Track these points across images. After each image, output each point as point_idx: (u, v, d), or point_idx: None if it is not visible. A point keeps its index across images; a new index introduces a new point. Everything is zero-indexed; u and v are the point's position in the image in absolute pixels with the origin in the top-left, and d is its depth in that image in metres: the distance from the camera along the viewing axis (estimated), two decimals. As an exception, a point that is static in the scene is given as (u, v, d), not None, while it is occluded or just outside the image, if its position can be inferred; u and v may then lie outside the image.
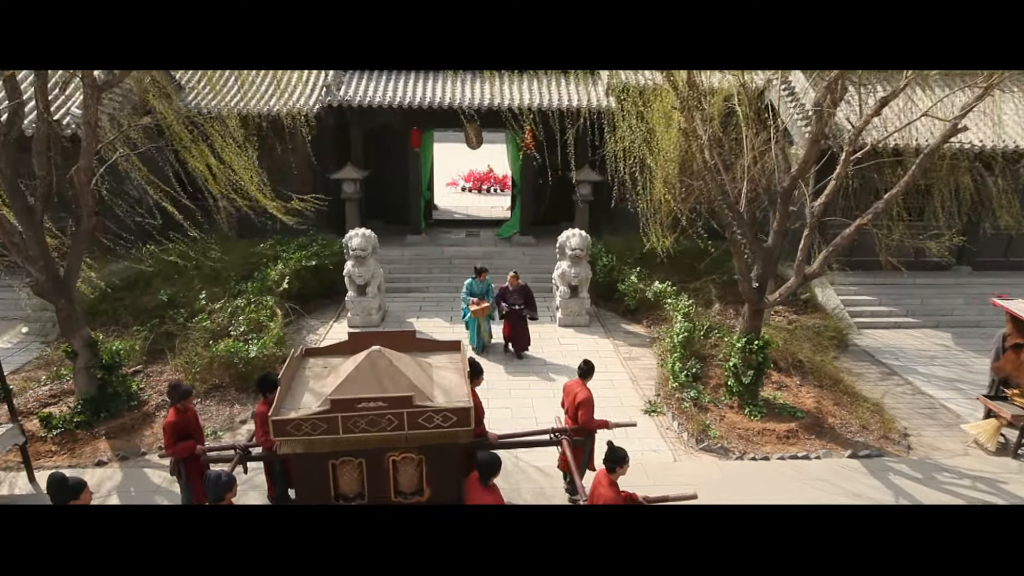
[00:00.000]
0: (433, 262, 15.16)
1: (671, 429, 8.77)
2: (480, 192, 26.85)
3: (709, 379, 9.92)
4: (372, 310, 12.27)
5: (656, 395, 9.63)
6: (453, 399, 5.21)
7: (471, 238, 16.83)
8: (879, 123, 9.14)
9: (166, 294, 11.18)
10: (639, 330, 12.48)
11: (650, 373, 10.48)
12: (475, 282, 11.20)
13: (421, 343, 6.18)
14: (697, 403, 9.08)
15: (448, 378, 5.60)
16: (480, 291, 11.17)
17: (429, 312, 13.13)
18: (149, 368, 9.88)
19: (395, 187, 16.59)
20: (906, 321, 12.75)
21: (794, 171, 7.73)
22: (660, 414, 9.16)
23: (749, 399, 9.03)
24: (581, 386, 6.57)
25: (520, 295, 10.93)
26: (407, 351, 5.87)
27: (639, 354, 11.31)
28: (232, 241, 13.39)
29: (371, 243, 12.10)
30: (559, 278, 12.53)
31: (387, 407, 4.79)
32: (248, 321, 10.55)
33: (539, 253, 15.42)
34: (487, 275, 11.31)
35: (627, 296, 12.70)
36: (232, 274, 12.19)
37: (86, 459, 7.53)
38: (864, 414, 8.90)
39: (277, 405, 4.92)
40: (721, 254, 13.69)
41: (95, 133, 7.50)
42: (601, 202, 16.35)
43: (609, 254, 13.67)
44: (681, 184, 11.77)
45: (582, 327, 12.43)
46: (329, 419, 4.75)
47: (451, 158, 27.49)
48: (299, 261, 12.95)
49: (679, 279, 13.00)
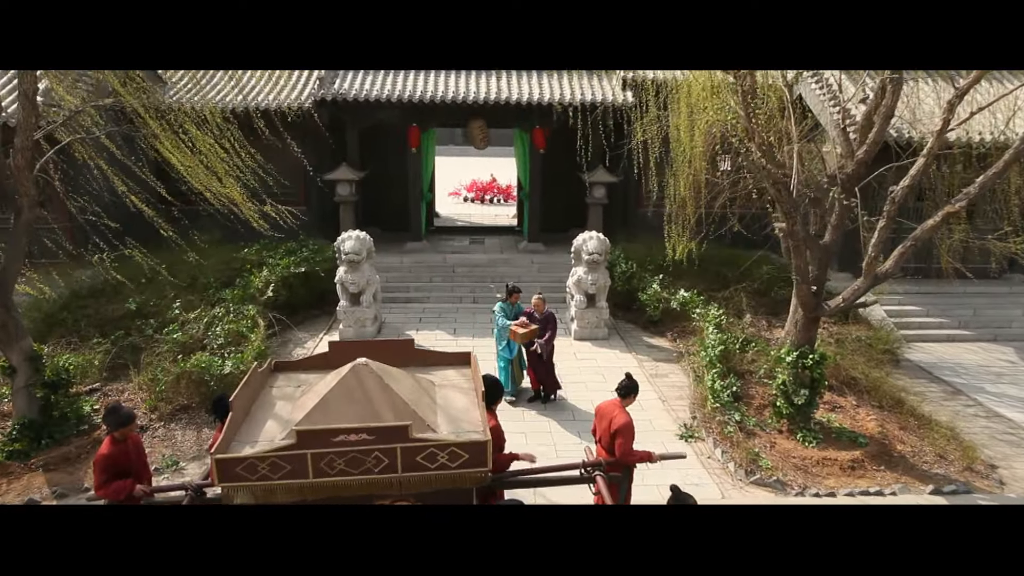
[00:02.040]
0: (434, 270, 13.95)
1: (714, 458, 7.49)
2: (483, 202, 25.88)
3: (751, 399, 8.65)
4: (367, 321, 11.04)
5: (692, 417, 8.36)
6: (463, 429, 3.97)
7: (475, 245, 15.65)
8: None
9: (135, 302, 9.95)
10: (664, 343, 11.23)
11: (681, 392, 9.21)
12: (506, 305, 8.80)
13: (422, 355, 4.95)
14: (742, 427, 7.82)
15: (456, 401, 4.36)
16: (512, 317, 8.78)
17: (430, 323, 11.89)
18: (109, 386, 8.62)
19: (394, 192, 15.44)
20: (959, 334, 11.50)
21: (860, 153, 6.55)
22: (698, 439, 7.89)
23: (801, 422, 7.77)
24: (619, 409, 5.31)
25: (546, 326, 8.64)
26: (403, 365, 4.64)
27: (666, 370, 10.05)
28: (215, 246, 12.20)
29: (366, 247, 10.91)
30: (574, 286, 11.31)
31: (374, 441, 3.54)
32: (226, 333, 9.31)
33: (549, 261, 14.23)
34: (519, 297, 8.93)
35: (649, 306, 11.47)
36: (211, 281, 10.97)
37: (13, 497, 6.24)
38: (938, 441, 7.63)
39: (225, 438, 3.66)
40: (751, 260, 12.52)
41: (34, 108, 6.35)
42: (616, 206, 15.23)
43: (628, 260, 12.46)
44: (707, 185, 10.64)
45: (600, 340, 11.18)
46: (294, 457, 3.49)
47: (453, 169, 26.82)
48: (287, 268, 11.74)
49: (705, 287, 11.79)
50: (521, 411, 8.53)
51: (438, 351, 5.07)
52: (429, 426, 3.91)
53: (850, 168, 6.69)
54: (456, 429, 3.98)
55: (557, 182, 15.29)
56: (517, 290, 8.85)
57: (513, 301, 8.77)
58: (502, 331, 8.68)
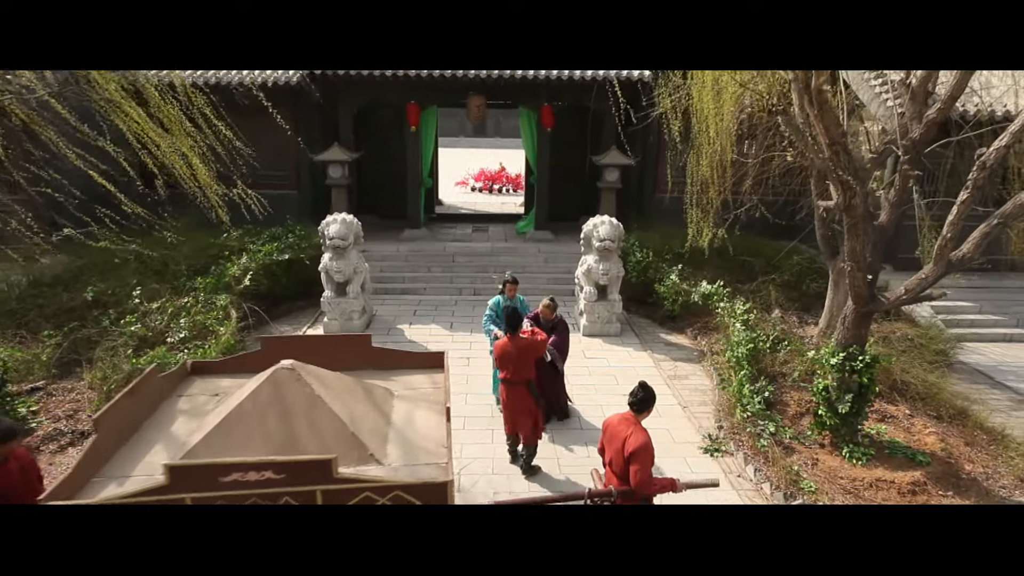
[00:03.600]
0: (433, 259, 12.89)
1: (744, 477, 6.36)
2: (491, 192, 24.85)
3: (785, 406, 7.50)
4: (353, 313, 10.00)
5: (717, 427, 7.22)
6: (419, 461, 2.89)
7: (478, 233, 14.56)
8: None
9: (92, 291, 8.97)
10: (683, 341, 10.09)
11: (704, 397, 8.08)
12: (503, 299, 7.52)
13: (383, 356, 3.87)
14: (777, 440, 6.68)
15: (418, 419, 3.28)
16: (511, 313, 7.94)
17: (425, 317, 10.83)
18: (56, 384, 7.64)
19: (393, 178, 14.38)
20: (1018, 333, 10.23)
21: (932, 112, 5.35)
22: (726, 454, 6.76)
23: (847, 435, 6.61)
24: (633, 426, 4.19)
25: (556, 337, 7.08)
26: (358, 368, 3.57)
27: (686, 371, 8.92)
28: (193, 231, 11.22)
29: (353, 231, 9.87)
30: (583, 276, 10.19)
31: (283, 481, 2.47)
32: (191, 325, 8.32)
33: (557, 251, 13.12)
34: (516, 289, 7.65)
35: (667, 299, 10.32)
36: (183, 268, 9.99)
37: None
38: (1016, 461, 6.43)
39: (79, 470, 2.61)
40: (780, 251, 11.32)
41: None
42: (631, 191, 14.07)
43: (643, 249, 11.31)
44: (732, 166, 9.48)
45: (612, 336, 10.06)
46: (166, 505, 2.44)
47: (462, 158, 25.92)
48: (268, 255, 10.74)
49: (730, 279, 10.62)
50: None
51: (403, 351, 3.98)
52: (372, 455, 2.84)
53: (917, 132, 5.50)
54: (411, 460, 2.91)
55: (567, 166, 14.16)
56: (514, 280, 7.62)
57: (511, 294, 7.59)
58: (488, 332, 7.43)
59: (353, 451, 2.76)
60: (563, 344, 7.19)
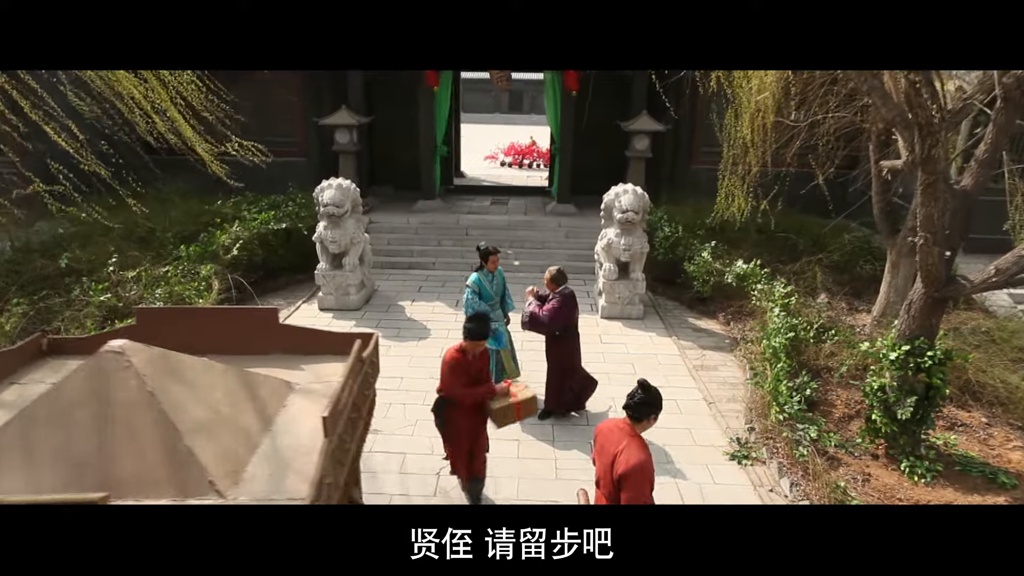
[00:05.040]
0: (445, 232, 11.98)
1: (778, 491, 5.30)
2: (521, 167, 23.88)
3: (830, 407, 6.38)
4: (350, 287, 9.19)
5: (748, 429, 6.16)
6: (280, 492, 1.97)
7: (497, 206, 13.56)
8: None
9: (67, 258, 8.37)
10: (714, 327, 8.96)
11: (734, 392, 6.99)
12: (484, 276, 6.42)
13: (294, 337, 2.95)
14: (819, 448, 5.58)
15: (305, 426, 2.35)
16: (495, 291, 6.52)
17: (430, 294, 9.96)
18: (17, 356, 7.04)
19: (407, 146, 13.46)
20: (1114, 327, 8.74)
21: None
22: (757, 462, 5.70)
23: (908, 446, 5.47)
24: (629, 437, 3.20)
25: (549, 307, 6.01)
26: (258, 351, 2.69)
27: (716, 361, 7.82)
28: (188, 197, 10.59)
29: (349, 197, 9.02)
30: (603, 251, 9.12)
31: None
32: (167, 295, 7.63)
33: (579, 225, 12.05)
34: (498, 260, 6.50)
35: (697, 279, 9.18)
36: (169, 236, 9.33)
37: None
38: (1124, 485, 5.20)
39: None
40: (827, 227, 10.04)
41: None
42: (663, 161, 12.83)
43: (672, 223, 10.16)
44: (776, 129, 8.25)
45: (633, 320, 9.00)
46: None
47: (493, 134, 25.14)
48: (265, 223, 10.00)
49: (769, 259, 9.42)
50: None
51: (322, 331, 3.05)
52: (212, 483, 1.92)
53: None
54: (274, 488, 1.99)
55: (594, 134, 12.98)
56: (494, 251, 6.42)
57: (492, 267, 6.49)
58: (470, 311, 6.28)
59: (180, 474, 1.87)
60: (557, 316, 5.98)
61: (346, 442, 2.16)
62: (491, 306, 6.49)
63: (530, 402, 4.64)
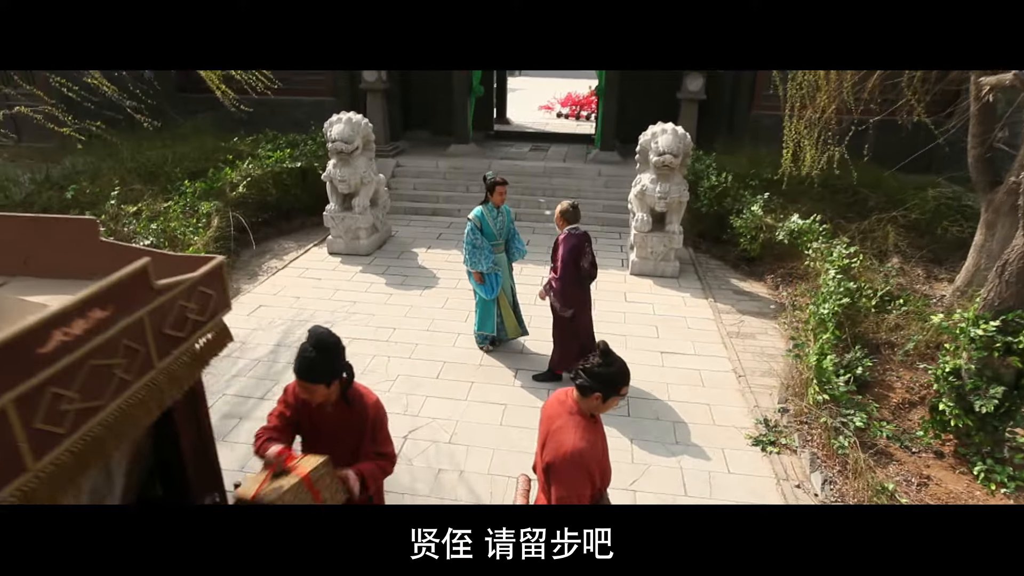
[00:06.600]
0: (474, 178, 11.16)
1: (806, 488, 4.35)
2: (579, 119, 22.65)
3: (886, 390, 5.28)
4: (360, 231, 8.58)
5: (780, 409, 5.17)
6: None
7: (535, 152, 12.59)
8: None
9: (73, 190, 8.11)
10: (760, 290, 7.84)
11: (771, 365, 5.97)
12: (488, 209, 5.61)
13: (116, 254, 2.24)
14: (866, 440, 4.55)
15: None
16: (500, 230, 5.70)
17: (448, 241, 9.24)
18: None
19: (446, 90, 12.56)
20: None
21: None
22: (786, 450, 4.74)
23: (986, 444, 4.38)
24: (567, 417, 2.37)
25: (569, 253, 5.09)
26: (77, 274, 2.02)
27: (755, 328, 6.77)
28: (200, 133, 10.20)
29: (360, 133, 8.31)
30: (636, 199, 8.09)
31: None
32: (160, 231, 7.23)
33: (620, 174, 10.95)
34: (505, 192, 5.58)
35: (744, 235, 8.03)
36: (178, 171, 8.95)
37: None
38: None
39: None
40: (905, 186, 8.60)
41: None
42: (719, 105, 11.47)
43: (722, 173, 8.94)
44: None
45: (667, 278, 7.99)
46: None
47: (554, 86, 24.05)
48: (280, 162, 9.48)
49: (832, 215, 8.12)
50: (501, 371, 5.74)
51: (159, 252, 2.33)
52: None
53: None
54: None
55: (643, 73, 11.69)
56: (501, 181, 5.52)
57: (497, 201, 5.66)
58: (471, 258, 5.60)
59: None
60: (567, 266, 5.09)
61: (75, 402, 1.45)
62: (494, 247, 5.68)
63: (293, 490, 2.35)
